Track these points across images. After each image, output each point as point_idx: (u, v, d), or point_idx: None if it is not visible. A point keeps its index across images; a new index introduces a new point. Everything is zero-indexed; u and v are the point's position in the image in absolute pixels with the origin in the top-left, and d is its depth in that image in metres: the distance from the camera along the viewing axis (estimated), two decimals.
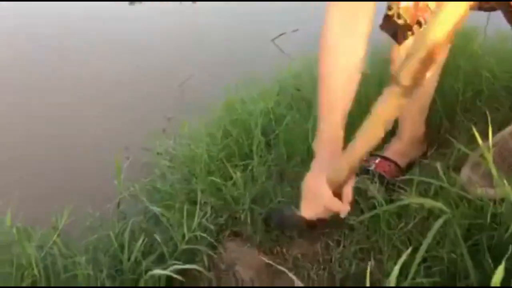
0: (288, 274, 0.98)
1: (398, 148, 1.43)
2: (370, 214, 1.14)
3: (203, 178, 1.39)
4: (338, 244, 1.22)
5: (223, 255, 1.24)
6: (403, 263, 0.93)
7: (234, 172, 1.36)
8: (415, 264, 0.98)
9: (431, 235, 0.98)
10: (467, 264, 0.98)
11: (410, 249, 0.97)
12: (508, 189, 0.98)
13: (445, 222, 1.02)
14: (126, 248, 1.18)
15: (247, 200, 1.30)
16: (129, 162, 1.61)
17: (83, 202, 1.39)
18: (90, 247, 1.24)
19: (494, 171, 1.00)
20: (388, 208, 1.13)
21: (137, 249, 1.18)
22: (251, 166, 1.41)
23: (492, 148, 1.07)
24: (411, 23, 1.17)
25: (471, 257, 0.99)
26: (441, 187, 1.16)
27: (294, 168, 1.40)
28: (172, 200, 1.37)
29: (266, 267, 1.22)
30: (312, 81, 1.72)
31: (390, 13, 1.18)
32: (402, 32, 1.19)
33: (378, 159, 1.41)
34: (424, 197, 1.12)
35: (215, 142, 1.52)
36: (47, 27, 2.76)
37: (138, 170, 1.64)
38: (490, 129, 1.04)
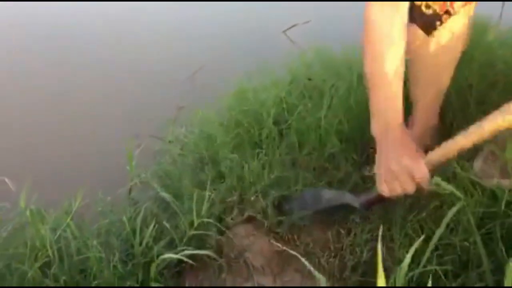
0: (301, 259, 0.98)
1: (412, 137, 1.43)
2: None
3: (213, 164, 1.40)
4: (349, 232, 1.22)
5: (233, 241, 1.25)
6: (415, 251, 0.93)
7: (246, 161, 1.37)
8: (427, 251, 0.98)
9: (445, 222, 0.98)
10: (480, 252, 0.98)
11: (422, 236, 0.97)
12: None
13: (458, 210, 1.02)
14: (138, 233, 1.19)
15: (261, 185, 1.30)
16: (140, 150, 1.61)
17: (95, 187, 1.40)
18: (102, 231, 1.25)
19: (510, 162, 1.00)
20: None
21: (148, 234, 1.19)
22: (262, 155, 1.41)
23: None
24: (440, 12, 1.17)
25: (484, 245, 0.99)
26: (454, 176, 1.16)
27: (306, 156, 1.39)
28: (182, 186, 1.38)
29: (276, 254, 1.23)
30: (324, 70, 1.71)
31: (418, 3, 1.17)
32: (430, 22, 1.19)
33: None
34: (438, 185, 1.11)
35: (226, 131, 1.53)
36: (62, 16, 2.77)
37: (149, 157, 1.64)
38: None
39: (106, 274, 1.08)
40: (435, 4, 1.16)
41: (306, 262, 0.99)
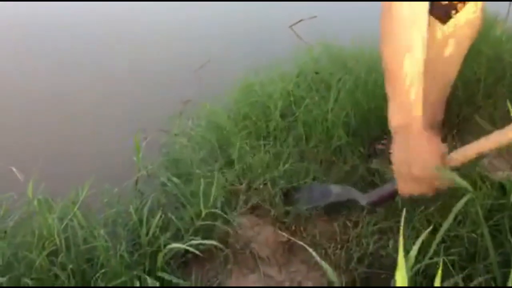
0: (308, 249, 0.98)
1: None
2: None
3: (222, 151, 1.40)
4: (356, 225, 1.22)
5: (239, 232, 1.25)
6: (422, 242, 0.93)
7: (253, 154, 1.37)
8: (434, 243, 0.98)
9: (453, 214, 0.97)
10: (488, 244, 0.97)
11: (430, 228, 0.97)
12: None
13: (466, 202, 1.01)
14: (145, 223, 1.19)
15: (269, 175, 1.30)
16: (146, 143, 1.62)
17: (102, 179, 1.40)
18: (109, 221, 1.25)
19: None
20: None
21: (155, 224, 1.19)
22: (269, 146, 1.41)
23: None
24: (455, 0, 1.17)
25: (491, 237, 0.98)
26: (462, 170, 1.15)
27: (313, 149, 1.39)
28: (189, 177, 1.38)
29: (282, 245, 1.23)
30: (331, 64, 1.71)
31: None
32: (446, 11, 1.19)
33: None
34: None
35: (234, 123, 1.53)
36: (70, 15, 2.77)
37: (156, 150, 1.65)
38: None
39: (113, 263, 1.08)
40: None
41: (313, 252, 0.98)
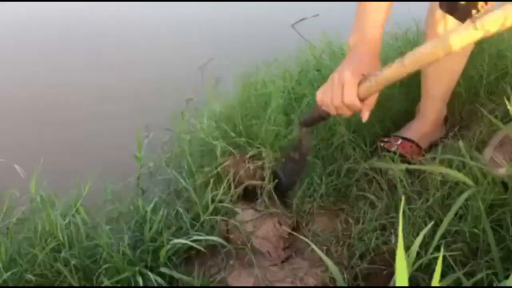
0: (310, 244, 0.99)
1: (420, 129, 1.43)
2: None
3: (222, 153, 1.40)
4: (357, 221, 1.22)
5: (240, 227, 1.25)
6: (424, 238, 0.93)
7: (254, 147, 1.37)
8: (436, 237, 0.98)
9: (455, 209, 0.97)
10: (489, 240, 0.97)
11: (431, 223, 0.97)
12: None
13: (467, 198, 1.02)
14: (148, 219, 1.20)
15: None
16: (149, 140, 1.63)
17: (104, 177, 1.41)
18: (112, 217, 1.26)
19: None
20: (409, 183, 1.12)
21: (158, 220, 1.19)
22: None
23: None
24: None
25: (493, 232, 0.98)
26: (463, 165, 1.15)
27: (315, 146, 1.39)
28: (191, 174, 1.38)
29: (284, 241, 1.23)
30: (333, 62, 1.71)
31: None
32: (467, 12, 1.19)
33: (400, 140, 1.40)
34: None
35: (235, 121, 1.53)
36: (76, 14, 2.78)
37: (158, 148, 1.65)
38: None
39: (116, 259, 1.08)
40: None
41: (317, 249, 0.99)
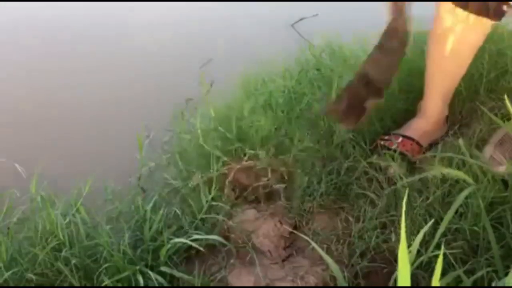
0: (311, 242, 0.99)
1: (421, 127, 1.43)
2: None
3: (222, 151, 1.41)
4: (358, 219, 1.22)
5: (241, 226, 1.25)
6: (424, 236, 0.93)
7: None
8: (436, 235, 0.98)
9: (455, 207, 0.97)
10: (490, 237, 0.97)
11: (431, 221, 0.97)
12: None
13: (468, 195, 1.02)
14: (148, 218, 1.20)
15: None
16: (149, 140, 1.63)
17: (104, 176, 1.41)
18: (112, 217, 1.26)
19: None
20: (409, 180, 1.12)
21: (158, 219, 1.19)
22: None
23: None
24: None
25: (493, 230, 0.98)
26: (463, 164, 1.15)
27: (315, 145, 1.39)
28: (191, 173, 1.39)
29: (284, 240, 1.23)
30: (333, 62, 1.72)
31: None
32: (498, 8, 1.20)
33: (401, 138, 1.40)
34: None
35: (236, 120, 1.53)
36: (74, 14, 2.78)
37: (158, 148, 1.66)
38: None
39: (116, 258, 1.08)
40: None
41: (316, 246, 0.99)
